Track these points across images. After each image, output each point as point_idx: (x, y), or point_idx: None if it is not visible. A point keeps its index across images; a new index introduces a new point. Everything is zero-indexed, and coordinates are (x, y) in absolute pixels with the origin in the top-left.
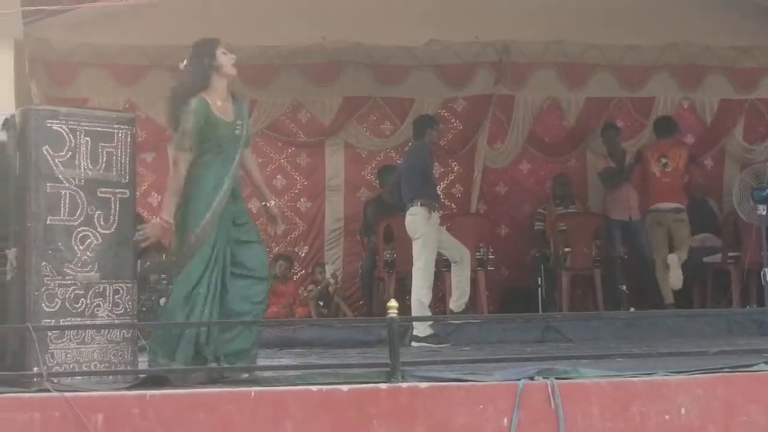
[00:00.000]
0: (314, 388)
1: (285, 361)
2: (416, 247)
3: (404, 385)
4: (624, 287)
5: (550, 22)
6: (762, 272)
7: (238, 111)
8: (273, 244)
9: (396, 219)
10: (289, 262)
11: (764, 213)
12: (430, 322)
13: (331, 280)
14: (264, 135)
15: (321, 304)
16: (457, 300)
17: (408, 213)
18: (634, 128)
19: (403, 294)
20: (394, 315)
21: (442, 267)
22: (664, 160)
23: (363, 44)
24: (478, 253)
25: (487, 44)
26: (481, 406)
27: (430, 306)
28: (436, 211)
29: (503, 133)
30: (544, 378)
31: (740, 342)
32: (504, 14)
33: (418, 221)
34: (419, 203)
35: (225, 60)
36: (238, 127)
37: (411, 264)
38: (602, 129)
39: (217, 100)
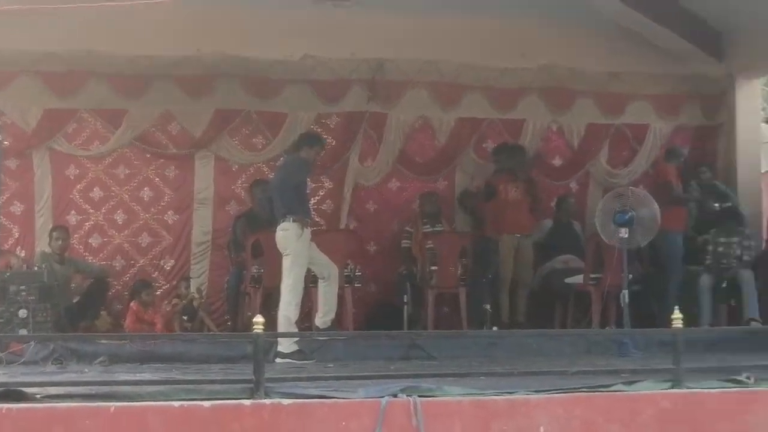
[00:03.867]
0: (176, 403)
1: (146, 376)
2: (286, 263)
3: (267, 401)
4: (488, 306)
5: (426, 42)
6: (621, 294)
7: None
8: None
9: (265, 234)
10: (151, 287)
11: (625, 236)
12: (296, 339)
13: (196, 295)
14: (132, 146)
15: (185, 318)
16: (324, 316)
17: (279, 228)
18: None
19: (270, 309)
20: (259, 331)
21: (309, 283)
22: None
23: (238, 57)
24: (345, 270)
25: (362, 61)
26: (344, 423)
27: (296, 322)
28: (308, 228)
29: (374, 150)
30: (407, 395)
31: (599, 362)
32: (380, 32)
33: (289, 237)
34: (291, 219)
35: None
36: None
37: (279, 279)
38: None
39: None
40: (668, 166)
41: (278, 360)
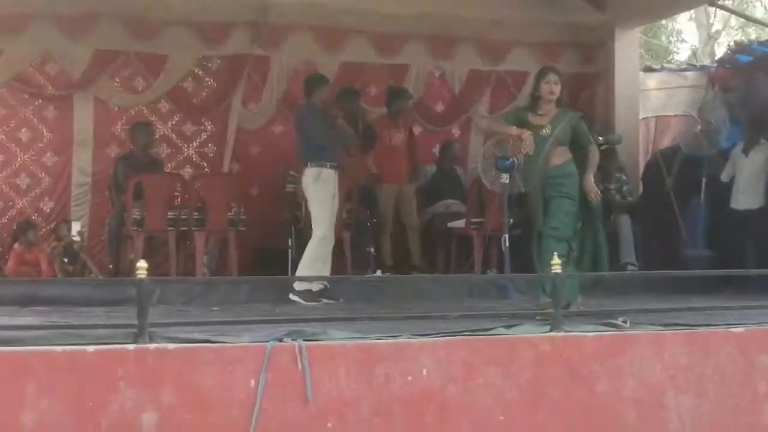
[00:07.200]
0: (59, 348)
1: (27, 320)
2: (312, 211)
3: (152, 346)
4: (372, 250)
5: None
6: (502, 238)
7: (555, 119)
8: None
9: (147, 176)
10: (36, 228)
11: (507, 181)
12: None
13: (77, 237)
14: (10, 86)
15: (66, 261)
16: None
17: (303, 175)
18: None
19: (152, 253)
20: (143, 276)
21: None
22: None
23: None
24: (229, 213)
25: (245, 4)
26: (230, 368)
27: None
28: (329, 169)
29: (258, 94)
30: (292, 340)
31: (481, 305)
32: None
33: (307, 183)
34: (309, 164)
35: (545, 89)
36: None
37: (161, 223)
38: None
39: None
40: None
41: (291, 296)
